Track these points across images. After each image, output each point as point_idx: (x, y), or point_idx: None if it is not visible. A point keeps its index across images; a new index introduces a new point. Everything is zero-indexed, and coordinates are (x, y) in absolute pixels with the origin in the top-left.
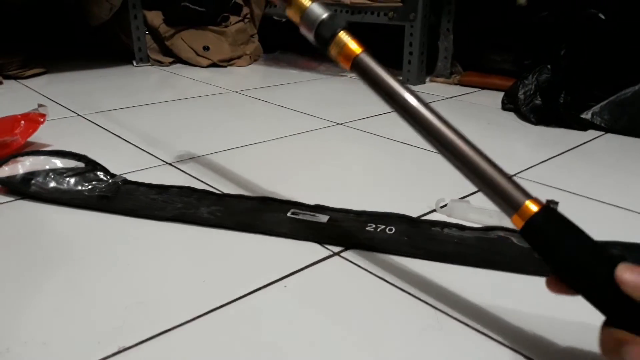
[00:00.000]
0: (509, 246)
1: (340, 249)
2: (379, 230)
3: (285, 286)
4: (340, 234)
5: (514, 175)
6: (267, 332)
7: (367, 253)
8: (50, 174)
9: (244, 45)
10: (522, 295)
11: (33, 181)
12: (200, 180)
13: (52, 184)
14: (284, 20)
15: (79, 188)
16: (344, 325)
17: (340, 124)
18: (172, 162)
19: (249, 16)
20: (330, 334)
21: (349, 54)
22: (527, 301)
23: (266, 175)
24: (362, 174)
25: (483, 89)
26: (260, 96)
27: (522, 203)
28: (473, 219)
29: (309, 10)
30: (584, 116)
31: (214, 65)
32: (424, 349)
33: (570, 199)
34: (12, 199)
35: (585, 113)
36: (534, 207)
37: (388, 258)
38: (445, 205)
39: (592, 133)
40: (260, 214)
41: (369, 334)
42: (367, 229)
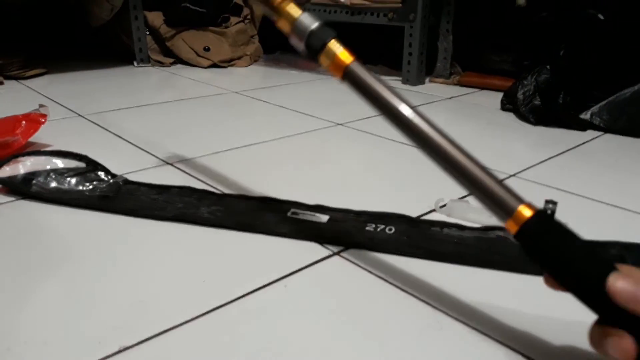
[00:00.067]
0: (508, 246)
1: (340, 248)
2: (378, 230)
3: (286, 286)
4: (340, 233)
5: (513, 175)
6: (267, 332)
7: (367, 253)
8: (51, 174)
9: (244, 46)
10: (522, 295)
11: (34, 181)
12: (201, 180)
13: (53, 184)
14: None
15: (80, 188)
16: (344, 325)
17: (340, 124)
18: (173, 162)
19: (249, 17)
20: (330, 333)
21: (339, 64)
22: (526, 301)
23: (266, 175)
24: (362, 174)
25: (482, 89)
26: (260, 96)
27: (515, 208)
28: (472, 219)
29: (299, 21)
30: (583, 116)
31: (214, 65)
32: (424, 348)
33: (570, 199)
34: (13, 199)
35: (584, 113)
36: (527, 212)
37: (388, 258)
38: (444, 205)
39: (591, 133)
40: (260, 214)
41: (369, 333)
42: (367, 228)
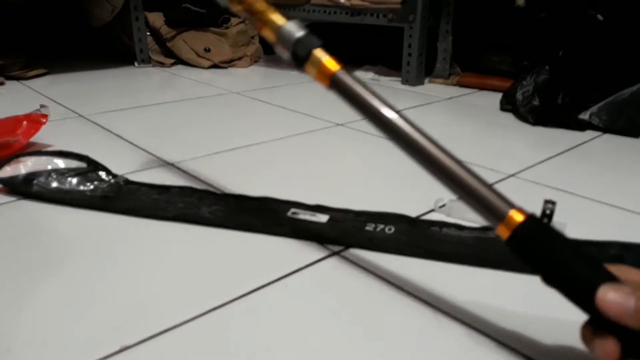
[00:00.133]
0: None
1: (340, 248)
2: (378, 229)
3: (286, 285)
4: (340, 233)
5: (513, 175)
6: (267, 331)
7: (366, 252)
8: (53, 174)
9: (244, 46)
10: (521, 294)
11: (35, 181)
12: (201, 181)
13: (54, 184)
14: None
15: (81, 188)
16: (344, 325)
17: (340, 124)
18: (174, 162)
19: None
20: (330, 333)
21: (326, 72)
22: (526, 300)
23: (266, 175)
24: (361, 174)
25: (481, 89)
26: (260, 97)
27: (506, 213)
28: (471, 219)
29: (283, 30)
30: (582, 117)
31: (215, 66)
32: (424, 348)
33: (569, 198)
34: (14, 199)
35: (583, 114)
36: (519, 217)
37: (387, 257)
38: (443, 205)
39: (590, 133)
40: (260, 214)
41: (368, 333)
42: (367, 228)
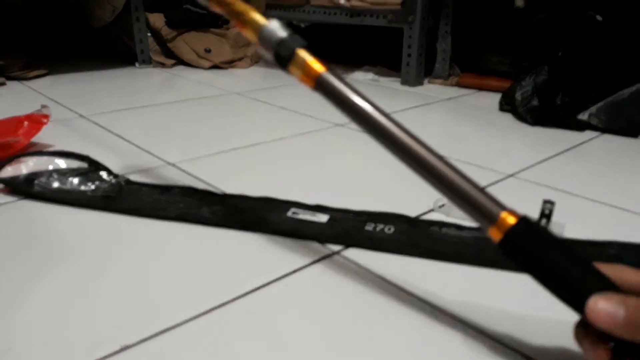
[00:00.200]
0: None
1: (340, 248)
2: (378, 229)
3: (286, 285)
4: (340, 233)
5: (512, 175)
6: (267, 331)
7: (366, 252)
8: (54, 174)
9: (245, 47)
10: (520, 294)
11: (36, 181)
12: (202, 181)
13: (56, 184)
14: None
15: (82, 188)
16: (344, 324)
17: (340, 124)
18: (174, 163)
19: None
20: (330, 332)
21: (311, 73)
22: (525, 300)
23: (267, 175)
24: (361, 174)
25: (481, 90)
26: (261, 97)
27: (498, 215)
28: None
29: (266, 30)
30: (581, 117)
31: (215, 67)
32: (423, 348)
33: (568, 199)
34: (16, 199)
35: (583, 114)
36: (511, 219)
37: (387, 257)
38: (443, 205)
39: (589, 134)
40: (261, 214)
41: (368, 332)
42: (367, 228)
